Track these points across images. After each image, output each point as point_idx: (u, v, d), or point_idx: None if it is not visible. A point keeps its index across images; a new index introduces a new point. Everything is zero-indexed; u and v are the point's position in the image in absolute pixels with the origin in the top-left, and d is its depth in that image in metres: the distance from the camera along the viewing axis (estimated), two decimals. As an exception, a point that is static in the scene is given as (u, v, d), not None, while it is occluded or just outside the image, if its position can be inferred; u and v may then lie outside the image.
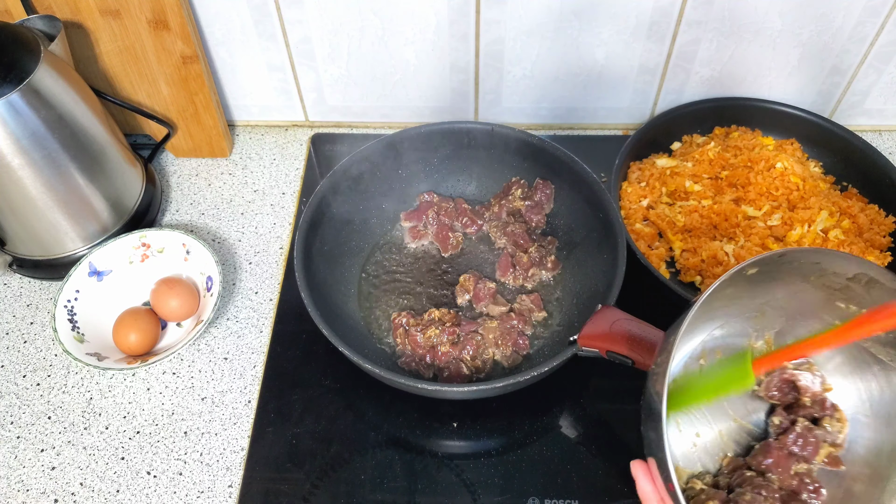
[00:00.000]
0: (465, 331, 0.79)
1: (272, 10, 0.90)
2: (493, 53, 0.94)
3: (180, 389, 0.80)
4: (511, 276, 0.85)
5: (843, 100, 0.99)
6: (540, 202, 0.89)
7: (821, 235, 0.85)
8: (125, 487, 0.73)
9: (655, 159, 0.95)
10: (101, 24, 0.86)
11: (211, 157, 1.02)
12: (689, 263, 0.85)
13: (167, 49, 0.89)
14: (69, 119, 0.79)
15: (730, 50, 0.93)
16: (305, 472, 0.73)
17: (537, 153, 0.87)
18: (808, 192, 0.87)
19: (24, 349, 0.84)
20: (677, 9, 0.88)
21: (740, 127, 0.98)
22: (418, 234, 0.90)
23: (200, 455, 0.75)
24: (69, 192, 0.82)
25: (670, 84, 0.98)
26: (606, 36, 0.91)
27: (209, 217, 0.96)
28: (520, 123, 1.03)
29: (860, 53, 0.93)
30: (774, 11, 0.88)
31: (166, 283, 0.83)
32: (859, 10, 0.87)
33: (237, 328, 0.85)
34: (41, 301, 0.88)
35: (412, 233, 0.90)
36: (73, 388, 0.81)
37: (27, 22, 0.79)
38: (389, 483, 0.72)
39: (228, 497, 0.73)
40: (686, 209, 0.89)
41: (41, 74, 0.75)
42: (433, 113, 1.03)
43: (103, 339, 0.81)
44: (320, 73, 0.98)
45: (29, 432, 0.77)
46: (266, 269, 0.90)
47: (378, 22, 0.91)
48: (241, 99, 1.03)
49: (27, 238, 0.85)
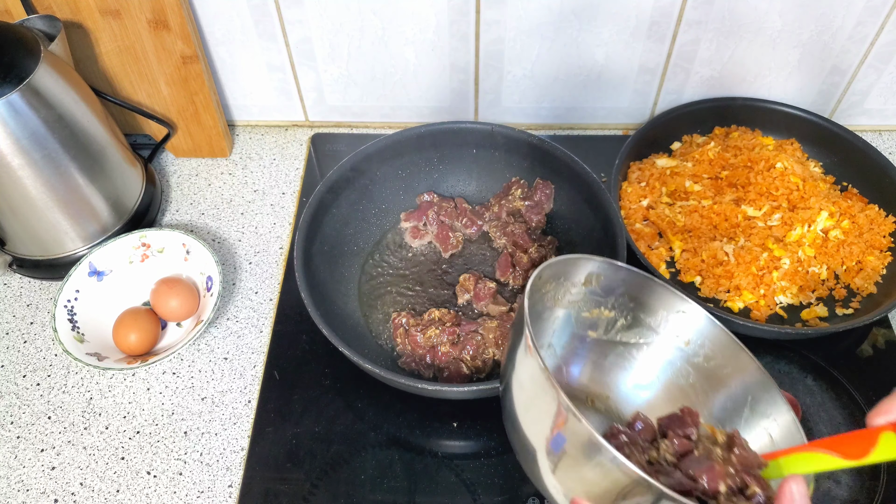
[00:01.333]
0: (465, 331, 0.79)
1: (272, 10, 0.90)
2: (493, 53, 0.94)
3: (180, 389, 0.80)
4: (511, 276, 0.85)
5: (843, 100, 0.99)
6: (540, 202, 0.89)
7: (821, 235, 0.85)
8: (125, 487, 0.73)
9: (655, 159, 0.95)
10: (101, 24, 0.86)
11: (211, 157, 1.02)
12: (689, 263, 0.85)
13: (167, 49, 0.89)
14: (69, 119, 0.79)
15: (730, 50, 0.93)
16: (305, 472, 0.73)
17: (537, 153, 0.87)
18: (808, 192, 0.87)
19: (24, 349, 0.84)
20: (677, 9, 0.88)
21: (740, 127, 0.98)
22: (418, 234, 0.90)
23: (200, 455, 0.75)
24: (69, 192, 0.82)
25: (670, 84, 0.98)
26: (606, 36, 0.91)
27: (209, 217, 0.96)
28: (520, 123, 1.03)
29: (860, 53, 0.93)
30: (774, 11, 0.88)
31: (166, 283, 0.83)
32: (859, 10, 0.87)
33: (237, 328, 0.85)
34: (41, 301, 0.88)
35: (412, 233, 0.90)
36: (73, 388, 0.81)
37: (27, 22, 0.79)
38: (389, 483, 0.72)
39: (228, 497, 0.73)
40: (686, 209, 0.89)
41: (41, 74, 0.75)
42: (433, 113, 1.03)
43: (103, 339, 0.81)
44: (320, 73, 0.98)
45: (29, 432, 0.77)
46: (266, 269, 0.90)
47: (378, 22, 0.91)
48: (241, 99, 1.03)
49: (27, 238, 0.85)
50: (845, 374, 0.79)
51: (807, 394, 0.78)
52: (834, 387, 0.78)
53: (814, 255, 0.84)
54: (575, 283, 0.61)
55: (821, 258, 0.84)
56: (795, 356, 0.81)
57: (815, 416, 0.76)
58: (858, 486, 0.71)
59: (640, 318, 0.63)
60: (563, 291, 0.61)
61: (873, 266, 0.84)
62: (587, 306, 0.63)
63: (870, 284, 0.83)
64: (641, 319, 0.63)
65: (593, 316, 0.63)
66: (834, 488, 0.71)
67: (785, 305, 0.83)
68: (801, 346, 0.81)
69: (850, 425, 0.75)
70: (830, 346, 0.81)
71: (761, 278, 0.82)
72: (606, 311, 0.63)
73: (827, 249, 0.85)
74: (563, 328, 0.63)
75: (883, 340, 0.82)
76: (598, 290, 0.62)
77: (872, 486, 0.71)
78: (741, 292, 0.82)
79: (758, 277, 0.82)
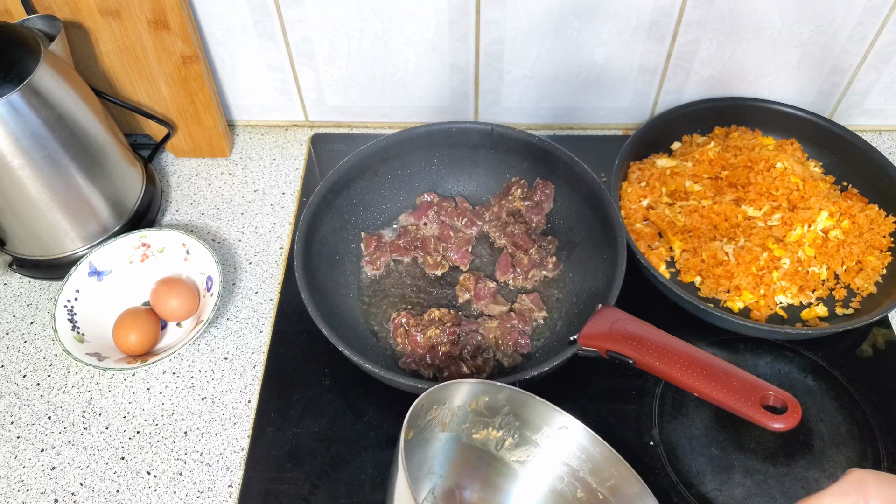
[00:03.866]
0: (465, 331, 0.79)
1: (272, 10, 0.90)
2: (493, 53, 0.94)
3: (180, 389, 0.80)
4: (511, 276, 0.85)
5: (843, 100, 0.99)
6: (540, 202, 0.89)
7: (821, 235, 0.85)
8: (125, 487, 0.73)
9: (655, 159, 0.95)
10: (101, 24, 0.86)
11: (211, 157, 1.02)
12: (689, 263, 0.85)
13: (167, 49, 0.89)
14: (69, 119, 0.79)
15: (730, 50, 0.93)
16: (305, 472, 0.73)
17: (537, 153, 0.87)
18: (808, 192, 0.87)
19: (24, 349, 0.84)
20: (677, 9, 0.88)
21: (740, 127, 0.98)
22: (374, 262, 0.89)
23: (200, 455, 0.75)
24: (69, 192, 0.82)
25: (670, 84, 0.98)
26: (606, 36, 0.91)
27: (209, 217, 0.96)
28: (520, 123, 1.03)
29: (860, 53, 0.93)
30: (774, 11, 0.88)
31: (166, 283, 0.83)
32: (859, 10, 0.87)
33: (237, 328, 0.85)
34: (41, 301, 0.88)
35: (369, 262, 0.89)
36: (73, 388, 0.81)
37: (27, 22, 0.79)
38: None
39: (228, 497, 0.73)
40: (686, 209, 0.89)
41: (41, 74, 0.75)
42: (433, 113, 1.03)
43: (103, 339, 0.81)
44: (320, 73, 0.98)
45: (29, 432, 0.77)
46: (266, 269, 0.90)
47: (378, 22, 0.91)
48: (241, 99, 1.03)
49: (27, 238, 0.85)
50: (845, 374, 0.79)
51: (807, 394, 0.78)
52: (834, 387, 0.78)
53: (814, 255, 0.84)
54: (461, 406, 0.62)
55: (821, 258, 0.84)
56: (795, 356, 0.81)
57: (815, 416, 0.76)
58: (858, 486, 0.71)
59: (527, 436, 0.65)
60: (451, 416, 0.62)
61: (873, 266, 0.84)
62: (476, 428, 0.64)
63: (870, 284, 0.83)
64: (528, 437, 0.65)
65: (482, 437, 0.65)
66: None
67: (785, 305, 0.83)
68: (801, 346, 0.81)
69: (850, 425, 0.75)
70: (830, 346, 0.81)
71: (761, 278, 0.82)
72: (494, 432, 0.65)
73: (827, 249, 0.85)
74: (454, 451, 0.64)
75: (883, 340, 0.82)
76: (484, 412, 0.63)
77: (872, 486, 0.71)
78: (741, 292, 0.82)
79: (758, 277, 0.82)
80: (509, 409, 0.64)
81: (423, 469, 0.63)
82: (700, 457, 0.74)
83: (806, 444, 0.74)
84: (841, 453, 0.73)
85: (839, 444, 0.74)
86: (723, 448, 0.74)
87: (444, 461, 0.65)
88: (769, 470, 0.73)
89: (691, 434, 0.75)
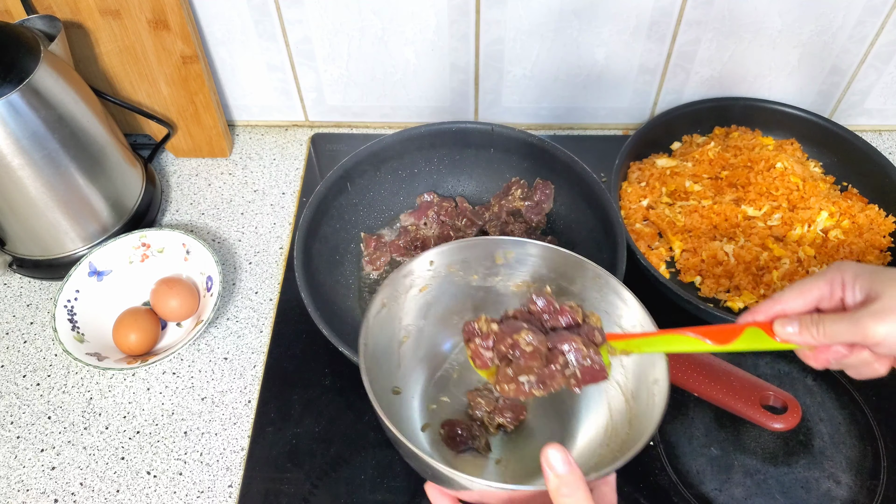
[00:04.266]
0: (465, 331, 0.79)
1: (272, 10, 0.90)
2: (493, 53, 0.94)
3: (180, 389, 0.80)
4: (511, 276, 0.85)
5: (843, 100, 0.99)
6: (540, 202, 0.89)
7: (821, 235, 0.85)
8: (125, 487, 0.73)
9: (655, 159, 0.95)
10: (101, 24, 0.86)
11: (211, 157, 1.02)
12: (689, 263, 0.85)
13: (167, 49, 0.89)
14: (69, 119, 0.79)
15: (730, 50, 0.93)
16: (305, 472, 0.73)
17: (537, 153, 0.87)
18: (808, 192, 0.87)
19: (24, 349, 0.84)
20: (677, 9, 0.88)
21: (740, 127, 0.98)
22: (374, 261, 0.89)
23: (200, 455, 0.76)
24: (69, 192, 0.82)
25: (670, 84, 0.98)
26: (606, 36, 0.91)
27: (209, 217, 0.96)
28: (520, 123, 1.03)
29: (860, 53, 0.93)
30: (774, 11, 0.88)
31: (166, 283, 0.83)
32: (859, 10, 0.88)
33: (237, 328, 0.85)
34: (41, 301, 0.88)
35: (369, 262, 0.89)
36: (73, 388, 0.81)
37: (27, 22, 0.79)
38: (389, 483, 0.72)
39: (228, 497, 0.73)
40: (686, 209, 0.89)
41: (41, 74, 0.75)
42: (433, 113, 1.03)
43: (103, 339, 0.81)
44: (320, 73, 0.98)
45: (29, 432, 0.77)
46: (266, 269, 0.90)
47: (378, 22, 0.91)
48: (241, 99, 1.03)
49: (27, 238, 0.85)
50: (845, 374, 0.79)
51: (807, 394, 0.78)
52: (834, 387, 0.78)
53: (814, 255, 0.84)
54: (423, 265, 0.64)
55: (821, 258, 0.84)
56: (795, 356, 0.80)
57: (815, 416, 0.76)
58: (858, 486, 0.71)
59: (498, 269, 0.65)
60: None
61: (873, 266, 0.84)
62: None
63: (870, 284, 0.83)
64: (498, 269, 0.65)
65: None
66: (834, 488, 0.71)
67: (785, 305, 0.83)
68: (801, 346, 0.81)
69: (850, 425, 0.75)
70: (830, 346, 0.81)
71: (761, 278, 0.82)
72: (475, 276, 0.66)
73: (827, 249, 0.85)
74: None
75: (883, 340, 0.82)
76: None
77: (872, 486, 0.71)
78: (741, 292, 0.82)
79: (758, 277, 0.82)
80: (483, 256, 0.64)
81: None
82: (700, 457, 0.74)
83: (806, 444, 0.74)
84: (841, 453, 0.73)
85: (839, 444, 0.74)
86: (723, 448, 0.74)
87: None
88: (769, 470, 0.73)
89: (691, 434, 0.75)
